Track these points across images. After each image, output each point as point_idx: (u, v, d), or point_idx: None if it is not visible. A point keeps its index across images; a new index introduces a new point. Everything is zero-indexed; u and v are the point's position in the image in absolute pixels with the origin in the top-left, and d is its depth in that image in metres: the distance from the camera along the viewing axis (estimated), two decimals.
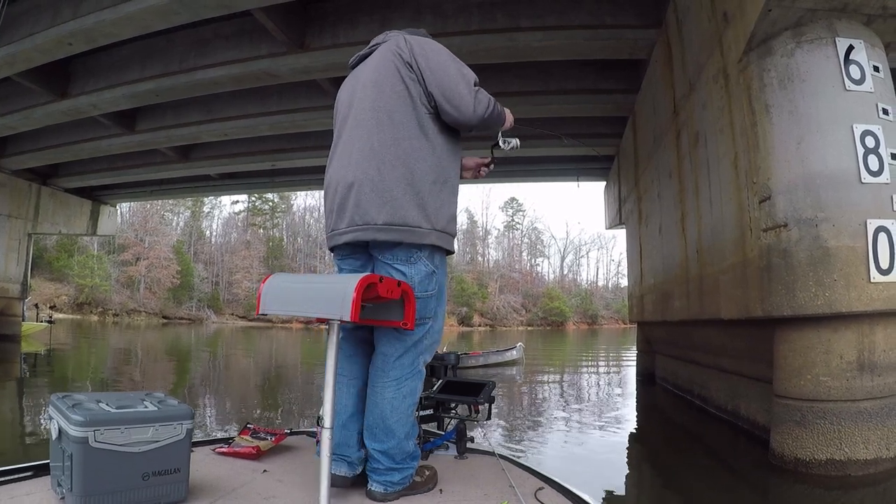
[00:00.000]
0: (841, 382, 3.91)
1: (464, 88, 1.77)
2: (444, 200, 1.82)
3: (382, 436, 1.78)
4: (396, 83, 1.79)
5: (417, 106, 1.78)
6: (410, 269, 1.78)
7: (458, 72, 1.80)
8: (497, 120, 1.90)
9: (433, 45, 1.85)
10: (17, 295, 16.38)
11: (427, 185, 1.76)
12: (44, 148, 12.76)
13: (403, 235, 1.74)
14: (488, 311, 58.10)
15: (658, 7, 7.04)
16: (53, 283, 43.70)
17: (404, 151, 1.75)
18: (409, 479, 1.81)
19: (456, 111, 1.77)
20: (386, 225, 1.73)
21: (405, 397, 1.80)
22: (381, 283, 1.56)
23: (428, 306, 1.83)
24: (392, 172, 1.73)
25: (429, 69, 1.78)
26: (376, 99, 1.81)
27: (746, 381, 5.39)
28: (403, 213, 1.73)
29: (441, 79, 1.77)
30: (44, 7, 7.44)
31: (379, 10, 7.72)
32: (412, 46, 1.82)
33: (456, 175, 1.90)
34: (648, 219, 8.83)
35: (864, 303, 3.86)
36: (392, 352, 1.81)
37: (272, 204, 62.60)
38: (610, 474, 4.43)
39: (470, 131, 1.87)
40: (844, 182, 3.99)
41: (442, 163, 1.82)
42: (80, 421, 1.45)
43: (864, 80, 4.13)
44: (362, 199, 1.75)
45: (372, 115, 1.80)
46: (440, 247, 1.83)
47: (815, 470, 3.86)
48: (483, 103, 1.80)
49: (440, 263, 1.86)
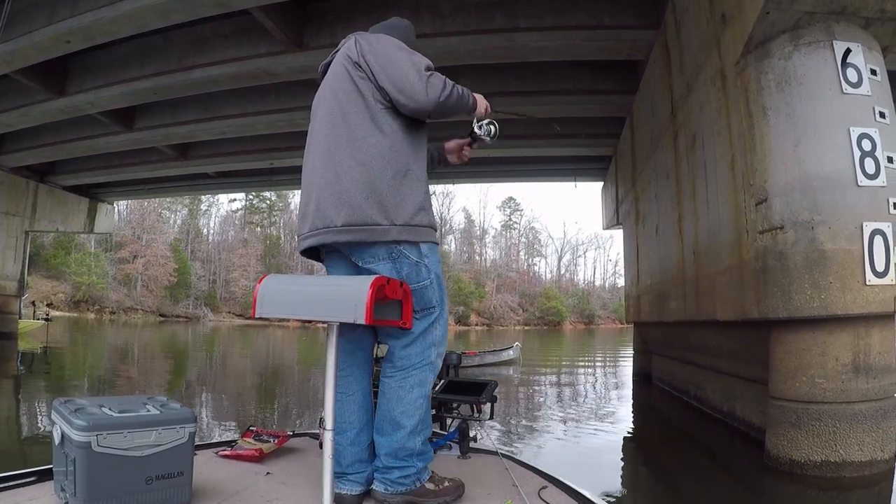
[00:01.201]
0: (836, 384, 3.93)
1: (413, 76, 1.74)
2: (406, 193, 1.77)
3: (388, 428, 1.73)
4: (347, 85, 1.82)
5: (370, 103, 1.77)
6: (393, 264, 1.75)
7: (407, 60, 1.77)
8: (460, 103, 1.84)
9: (383, 40, 1.84)
10: (14, 292, 16.34)
11: (386, 181, 1.73)
12: (41, 145, 12.73)
13: (363, 235, 1.72)
14: (485, 311, 58.10)
15: (656, 8, 7.05)
16: (50, 280, 43.55)
17: (359, 150, 1.74)
18: (412, 481, 1.72)
19: (408, 100, 1.73)
20: (345, 226, 1.72)
21: (412, 388, 1.74)
22: (388, 284, 1.56)
23: (427, 296, 1.79)
24: (349, 173, 1.73)
25: (377, 64, 1.77)
26: (332, 104, 1.84)
27: (742, 383, 5.41)
28: (361, 212, 1.71)
29: (389, 71, 1.76)
30: (42, 5, 7.41)
31: (376, 9, 7.71)
32: (361, 45, 1.83)
33: (419, 166, 1.85)
34: (645, 219, 8.86)
35: (859, 305, 3.88)
36: (398, 343, 1.79)
37: (269, 202, 62.46)
38: (606, 474, 4.46)
39: (429, 117, 1.82)
40: (840, 185, 4.01)
41: (401, 157, 1.78)
42: (82, 426, 1.45)
43: (861, 83, 4.15)
44: (321, 202, 1.76)
45: (329, 121, 1.83)
46: (413, 241, 1.77)
47: (810, 471, 3.89)
48: (436, 87, 1.74)
49: (428, 252, 1.81)
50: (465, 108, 1.89)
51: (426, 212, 1.81)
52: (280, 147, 12.79)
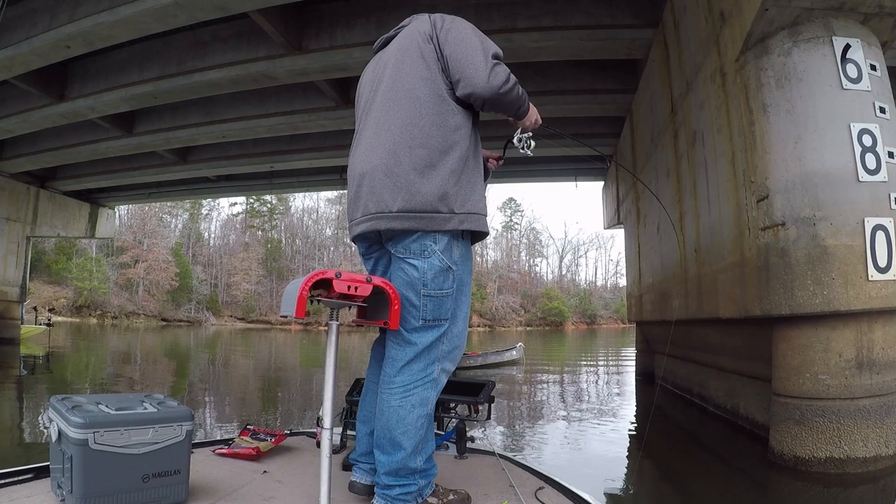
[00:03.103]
0: (840, 380, 3.91)
1: (480, 59, 1.64)
2: (468, 180, 1.68)
3: (388, 447, 1.63)
4: (416, 60, 1.70)
5: (437, 82, 1.67)
6: (423, 263, 1.64)
7: (477, 41, 1.68)
8: (516, 101, 1.73)
9: (457, 19, 1.76)
10: (15, 298, 16.36)
11: (448, 167, 1.63)
12: (42, 151, 12.76)
13: (421, 223, 1.60)
14: (487, 312, 58.12)
15: (655, 6, 7.05)
16: (52, 285, 43.63)
17: (422, 131, 1.64)
18: (413, 497, 1.65)
19: (467, 81, 1.64)
20: (401, 212, 1.61)
21: (413, 407, 1.63)
22: (338, 278, 1.50)
23: (443, 307, 1.67)
24: (408, 155, 1.62)
25: (447, 40, 1.68)
26: (396, 79, 1.72)
27: (745, 380, 5.39)
28: (421, 198, 1.60)
29: (457, 47, 1.66)
30: (41, 10, 7.44)
31: (375, 12, 7.74)
32: (434, 21, 1.74)
33: (478, 154, 1.77)
34: (646, 218, 8.84)
35: (862, 301, 3.86)
36: (400, 356, 1.67)
37: (270, 206, 62.56)
38: (610, 473, 4.44)
39: (482, 107, 1.71)
40: (842, 181, 4.00)
41: (463, 141, 1.68)
42: (79, 423, 1.45)
43: (861, 78, 4.14)
44: (376, 185, 1.65)
45: (391, 96, 1.71)
46: (462, 237, 1.69)
47: (814, 468, 3.87)
48: (500, 76, 1.64)
49: (460, 259, 1.70)
50: (519, 111, 1.79)
51: (483, 201, 1.73)
52: (280, 150, 12.83)
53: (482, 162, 1.80)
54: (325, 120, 10.48)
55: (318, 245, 62.27)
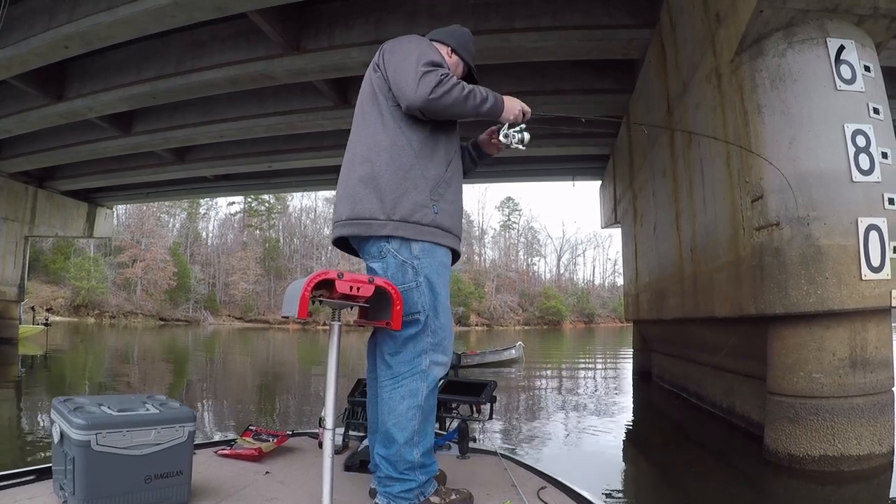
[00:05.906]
0: (833, 379, 3.95)
1: (411, 69, 1.68)
2: (406, 189, 1.74)
3: (384, 439, 1.69)
4: (367, 85, 1.89)
5: (381, 102, 1.82)
6: (382, 263, 1.77)
7: (415, 55, 1.72)
8: (461, 103, 1.71)
9: (403, 39, 1.85)
10: (14, 298, 16.35)
11: (387, 177, 1.75)
12: (40, 151, 12.73)
13: (360, 229, 1.77)
14: (485, 311, 58.07)
15: (652, 7, 7.07)
16: (50, 285, 43.53)
17: (367, 147, 1.80)
18: (415, 495, 1.68)
19: (401, 95, 1.72)
20: (348, 220, 1.79)
21: (403, 398, 1.68)
22: (340, 279, 1.53)
23: (411, 299, 1.73)
24: (357, 169, 1.80)
25: (388, 64, 1.81)
26: (358, 105, 1.93)
27: (741, 379, 5.43)
28: (361, 206, 1.76)
29: (392, 68, 1.78)
30: (40, 10, 7.43)
31: (374, 12, 7.74)
32: (383, 49, 1.88)
33: (428, 164, 1.79)
34: (643, 218, 8.87)
35: (855, 300, 3.90)
36: (386, 349, 1.75)
37: (268, 205, 62.40)
38: (607, 471, 4.47)
39: (422, 115, 1.73)
40: (836, 181, 4.03)
41: (404, 153, 1.76)
42: (82, 424, 1.47)
43: (855, 79, 4.17)
44: (338, 197, 1.87)
45: (355, 121, 1.91)
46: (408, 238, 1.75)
47: (808, 466, 3.90)
48: (428, 83, 1.64)
49: (421, 253, 1.75)
50: (471, 112, 1.77)
51: (428, 210, 1.76)
52: (279, 150, 12.81)
53: (430, 170, 1.81)
54: (324, 120, 10.47)
55: (317, 244, 62.12)
